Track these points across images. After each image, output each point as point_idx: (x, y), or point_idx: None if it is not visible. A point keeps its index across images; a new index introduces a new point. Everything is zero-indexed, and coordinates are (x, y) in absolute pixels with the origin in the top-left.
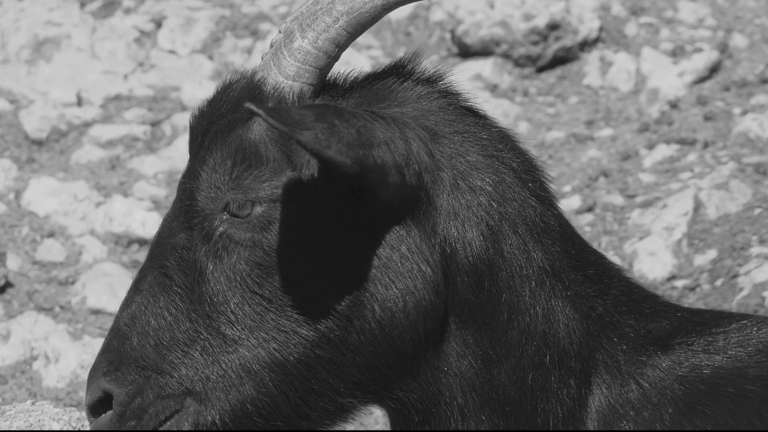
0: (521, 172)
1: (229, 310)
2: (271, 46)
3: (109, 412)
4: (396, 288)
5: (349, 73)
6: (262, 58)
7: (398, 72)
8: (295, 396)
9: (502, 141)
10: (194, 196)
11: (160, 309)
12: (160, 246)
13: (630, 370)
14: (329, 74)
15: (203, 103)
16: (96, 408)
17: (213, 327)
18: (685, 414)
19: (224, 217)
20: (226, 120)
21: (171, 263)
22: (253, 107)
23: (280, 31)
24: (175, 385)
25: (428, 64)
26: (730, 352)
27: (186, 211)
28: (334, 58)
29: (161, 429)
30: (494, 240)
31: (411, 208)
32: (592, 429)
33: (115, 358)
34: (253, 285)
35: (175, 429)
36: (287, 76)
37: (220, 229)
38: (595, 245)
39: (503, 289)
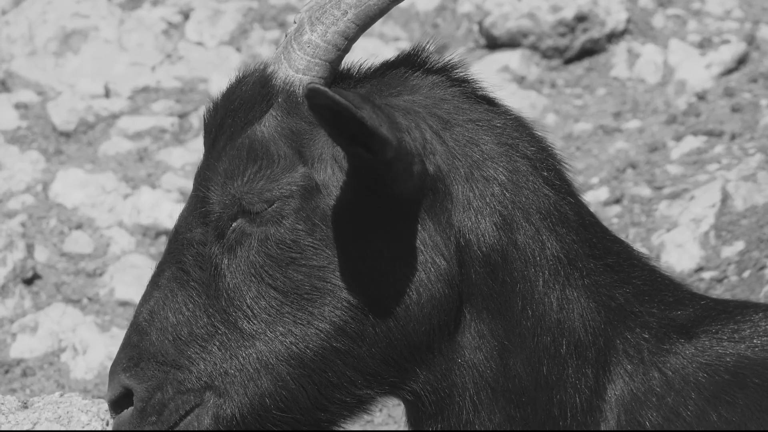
0: (536, 160)
1: (245, 304)
2: (285, 37)
3: (130, 408)
4: (411, 281)
5: (362, 63)
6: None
7: (412, 61)
8: (313, 389)
9: (517, 129)
10: (209, 191)
11: (178, 304)
12: (177, 241)
13: (652, 358)
14: (342, 65)
15: (217, 96)
16: (117, 403)
17: (230, 321)
18: (709, 401)
19: (237, 213)
20: (239, 116)
21: (188, 258)
22: (317, 86)
23: (294, 21)
24: (194, 379)
25: (446, 53)
26: (755, 342)
27: (201, 207)
28: (344, 50)
29: (181, 423)
30: (508, 230)
31: (426, 199)
32: (611, 418)
33: (134, 353)
34: (268, 279)
35: (195, 423)
36: (297, 70)
37: (233, 224)
38: (622, 237)
39: (517, 279)
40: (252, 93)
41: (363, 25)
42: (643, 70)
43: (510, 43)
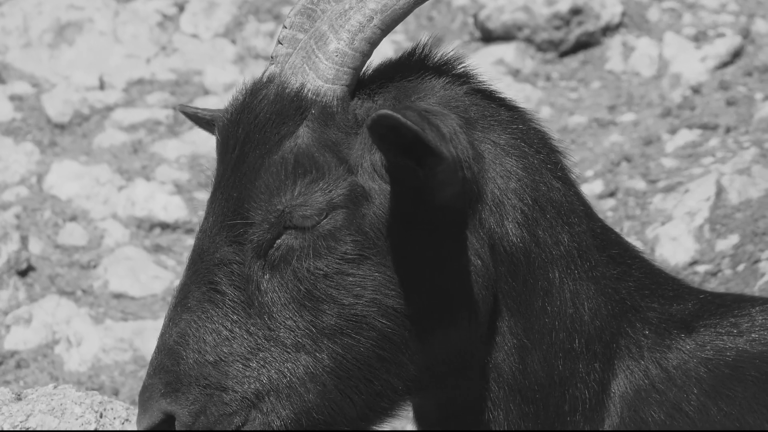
0: (543, 152)
1: (289, 319)
2: (279, 43)
3: None
4: (452, 285)
5: (367, 66)
6: (273, 57)
7: (418, 60)
8: (359, 399)
9: (522, 121)
10: (244, 209)
11: (214, 324)
12: (203, 261)
13: (654, 354)
14: None
15: (231, 110)
16: (154, 430)
17: (273, 337)
18: (710, 396)
19: (282, 229)
20: (269, 130)
21: (220, 278)
22: (389, 113)
23: (285, 26)
24: (239, 399)
25: (445, 48)
26: (753, 336)
27: (231, 226)
28: (368, 56)
29: None
30: (529, 226)
31: (462, 204)
32: (614, 414)
33: (172, 378)
34: (315, 291)
35: None
36: (326, 80)
37: (278, 241)
38: (617, 230)
39: (538, 277)
40: (281, 106)
41: (387, 29)
42: (638, 63)
43: (505, 36)
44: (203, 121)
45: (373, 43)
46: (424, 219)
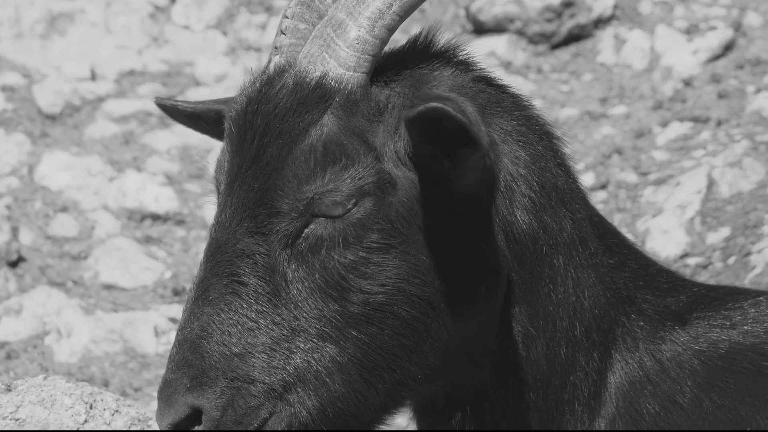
0: (544, 138)
1: (315, 308)
2: (282, 33)
3: (198, 428)
4: (471, 274)
5: None
6: (277, 48)
7: (421, 48)
8: (382, 388)
9: (524, 108)
10: (269, 199)
11: (239, 316)
12: (223, 254)
13: (649, 346)
14: None
15: (244, 101)
16: (181, 425)
17: (299, 327)
18: (703, 388)
19: (311, 218)
20: (292, 119)
21: (243, 269)
22: (440, 106)
23: (286, 16)
24: (266, 391)
25: (444, 36)
26: (746, 328)
27: (254, 216)
28: (385, 44)
29: None
30: (536, 213)
31: (479, 191)
32: (610, 405)
33: (197, 372)
34: (342, 281)
35: None
36: (348, 68)
37: (306, 230)
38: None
39: (545, 264)
40: (303, 95)
41: (405, 15)
42: (630, 55)
43: (496, 28)
44: (183, 114)
45: (391, 30)
46: (445, 207)
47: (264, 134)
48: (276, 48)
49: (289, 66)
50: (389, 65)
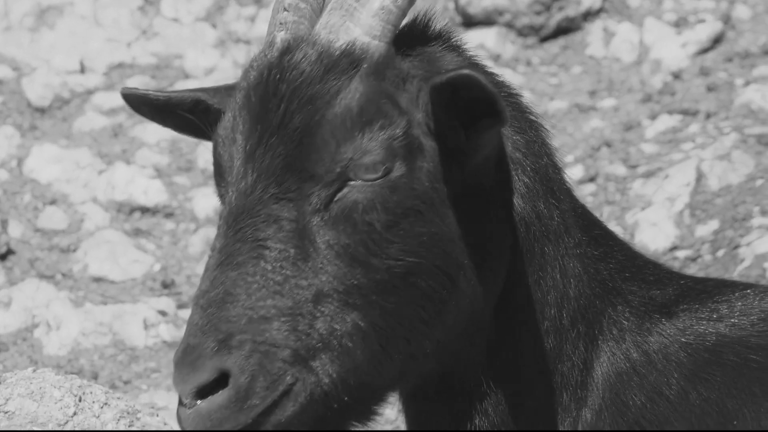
0: (534, 128)
1: (342, 274)
2: (285, 10)
3: (224, 392)
4: (480, 253)
5: None
6: (282, 23)
7: (421, 29)
8: (398, 359)
9: (512, 95)
10: (299, 164)
11: (265, 281)
12: (247, 220)
13: (634, 338)
14: None
15: (263, 71)
16: (205, 389)
17: (325, 293)
18: (690, 380)
19: (344, 182)
20: (321, 86)
21: (269, 235)
22: (471, 74)
23: None
24: (292, 356)
25: (438, 22)
26: (733, 321)
27: (282, 182)
28: (405, 16)
29: (279, 404)
30: (531, 199)
31: (486, 169)
32: (596, 396)
33: (224, 336)
34: (370, 246)
35: (291, 404)
36: (374, 36)
37: (339, 194)
38: (597, 215)
39: (536, 251)
40: (330, 62)
41: None
42: (619, 48)
43: (485, 21)
44: (153, 105)
45: (411, 2)
46: (459, 181)
47: (291, 100)
48: (281, 24)
49: (301, 39)
50: (401, 41)
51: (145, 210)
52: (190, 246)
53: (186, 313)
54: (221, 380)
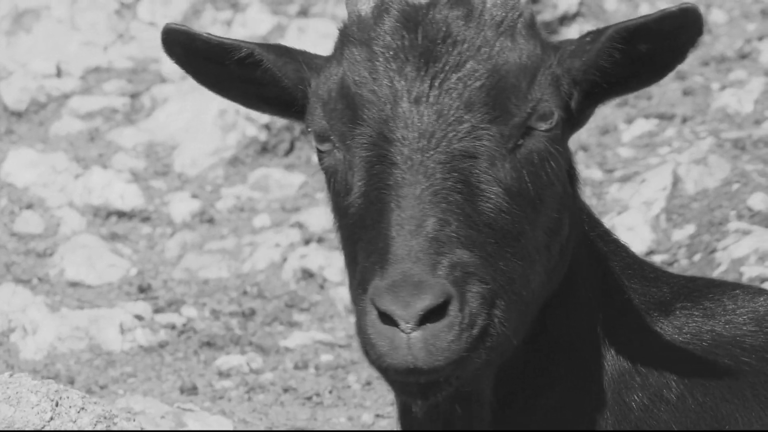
0: None
1: (520, 220)
2: None
3: (444, 321)
4: (565, 222)
5: None
6: None
7: None
8: (538, 305)
9: None
10: (488, 105)
11: (469, 217)
12: (440, 156)
13: (635, 335)
14: None
15: (421, 14)
16: (434, 312)
17: (509, 236)
18: (687, 384)
19: (527, 129)
20: (490, 35)
21: (470, 171)
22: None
23: None
24: (492, 295)
25: None
26: (725, 318)
27: (461, 121)
28: None
29: (485, 338)
30: (572, 184)
31: (563, 148)
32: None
33: (448, 265)
34: (540, 193)
35: (489, 339)
36: None
37: (521, 141)
38: None
39: (570, 239)
40: (488, 12)
41: None
42: None
43: None
44: (203, 47)
45: None
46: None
47: (470, 46)
48: None
49: None
50: None
51: (121, 214)
52: (167, 250)
53: (162, 318)
54: (443, 308)
